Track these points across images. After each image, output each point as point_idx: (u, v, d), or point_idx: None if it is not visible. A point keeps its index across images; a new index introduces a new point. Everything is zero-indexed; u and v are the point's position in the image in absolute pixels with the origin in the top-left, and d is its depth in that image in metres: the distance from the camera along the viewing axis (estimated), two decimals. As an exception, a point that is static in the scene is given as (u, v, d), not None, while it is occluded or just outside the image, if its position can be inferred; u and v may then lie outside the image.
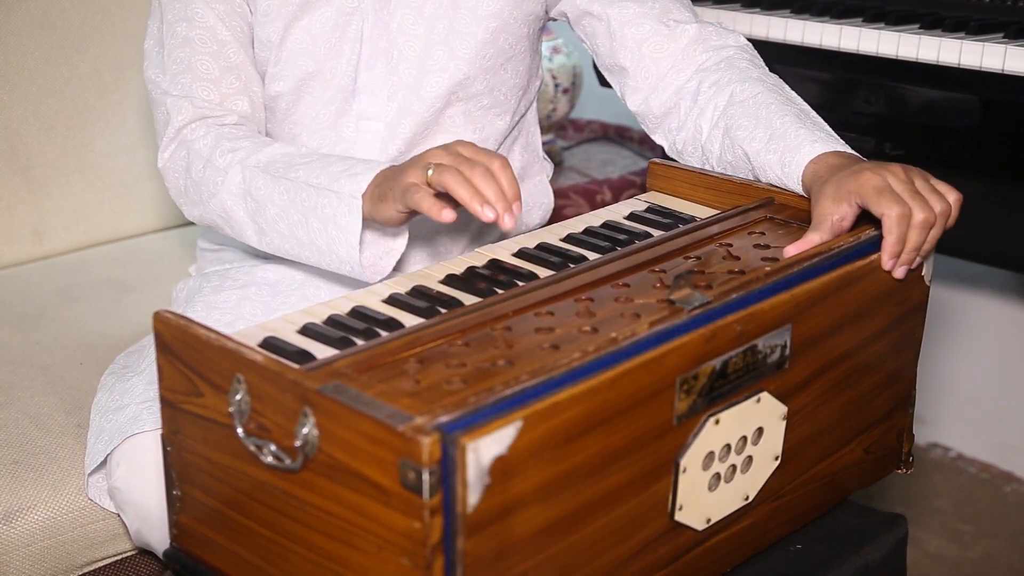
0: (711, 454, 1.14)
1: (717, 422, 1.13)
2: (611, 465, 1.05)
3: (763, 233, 1.32)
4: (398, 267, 1.51)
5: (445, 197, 1.21)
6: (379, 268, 1.35)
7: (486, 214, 1.17)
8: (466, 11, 1.50)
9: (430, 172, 1.21)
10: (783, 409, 1.20)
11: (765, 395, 1.17)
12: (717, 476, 1.16)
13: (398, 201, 1.24)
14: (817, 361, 1.22)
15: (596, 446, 1.03)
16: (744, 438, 1.17)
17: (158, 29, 1.51)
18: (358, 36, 1.50)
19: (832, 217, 1.25)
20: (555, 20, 1.62)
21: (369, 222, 1.31)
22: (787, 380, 1.19)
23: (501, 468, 0.95)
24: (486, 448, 0.93)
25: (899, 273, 1.27)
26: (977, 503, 2.49)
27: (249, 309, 1.49)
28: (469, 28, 1.51)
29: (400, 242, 1.36)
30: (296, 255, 1.39)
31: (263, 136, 1.48)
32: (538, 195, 1.69)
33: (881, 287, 1.27)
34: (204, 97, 1.47)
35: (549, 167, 1.75)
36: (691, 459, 1.12)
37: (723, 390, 1.13)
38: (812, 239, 1.25)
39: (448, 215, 1.19)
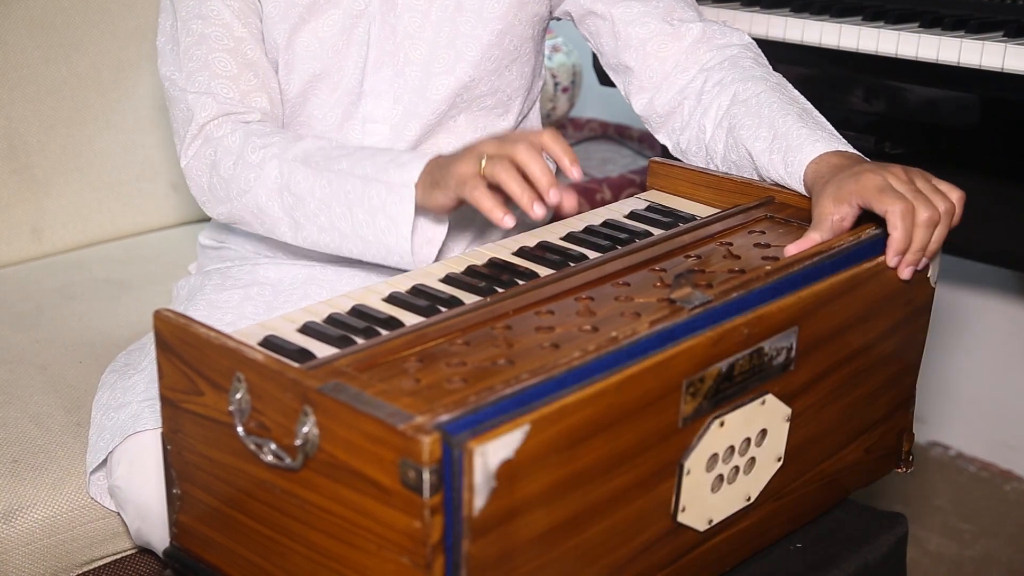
0: (715, 456, 1.14)
1: (722, 424, 1.13)
2: (616, 468, 1.05)
3: (763, 232, 1.32)
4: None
5: (498, 192, 1.22)
6: (423, 256, 1.35)
7: (536, 212, 1.18)
8: (471, 14, 1.50)
9: (483, 163, 1.21)
10: (787, 411, 1.19)
11: (770, 397, 1.17)
12: (720, 477, 1.15)
13: (451, 190, 1.24)
14: (822, 363, 1.22)
15: (602, 449, 1.03)
16: (748, 440, 1.17)
17: (171, 26, 1.50)
18: (365, 39, 1.50)
19: (832, 217, 1.25)
20: (559, 20, 1.62)
21: (417, 210, 1.30)
22: (792, 382, 1.19)
23: (508, 472, 0.94)
24: (494, 452, 0.93)
25: (905, 274, 1.26)
26: (977, 502, 2.49)
27: (251, 308, 1.49)
28: (474, 31, 1.50)
29: (441, 230, 1.35)
30: (336, 248, 1.39)
31: (288, 131, 1.48)
32: None
33: (887, 289, 1.26)
34: (225, 94, 1.46)
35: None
36: (695, 461, 1.12)
37: (728, 392, 1.12)
38: (813, 238, 1.25)
39: (509, 221, 1.20)
